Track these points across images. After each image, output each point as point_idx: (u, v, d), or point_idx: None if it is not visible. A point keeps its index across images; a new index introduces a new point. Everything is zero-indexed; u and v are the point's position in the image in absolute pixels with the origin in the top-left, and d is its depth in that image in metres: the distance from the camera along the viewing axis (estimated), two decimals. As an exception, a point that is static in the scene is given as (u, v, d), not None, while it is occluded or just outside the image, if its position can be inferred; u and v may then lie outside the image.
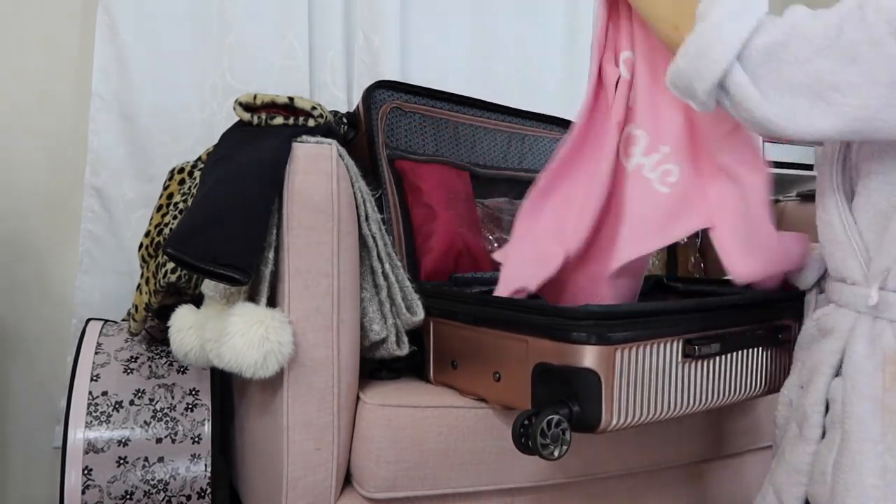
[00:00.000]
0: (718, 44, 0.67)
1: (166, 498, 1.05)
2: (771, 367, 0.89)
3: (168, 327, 1.00)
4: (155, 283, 1.05)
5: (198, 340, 0.95)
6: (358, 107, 1.30)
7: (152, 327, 1.17)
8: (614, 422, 0.73)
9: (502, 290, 0.94)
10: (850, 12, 0.64)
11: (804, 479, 0.73)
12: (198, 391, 1.11)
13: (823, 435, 0.73)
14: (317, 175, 0.86)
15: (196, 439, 1.08)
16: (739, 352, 0.85)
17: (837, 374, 0.72)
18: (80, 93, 1.49)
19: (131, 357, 1.14)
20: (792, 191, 1.92)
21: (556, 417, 0.71)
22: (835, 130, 0.66)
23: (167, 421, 1.08)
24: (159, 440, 1.06)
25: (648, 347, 0.76)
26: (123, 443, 1.05)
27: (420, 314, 0.94)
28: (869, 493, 0.66)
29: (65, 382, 1.43)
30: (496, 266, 1.30)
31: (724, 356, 0.83)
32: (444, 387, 0.95)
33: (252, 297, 0.89)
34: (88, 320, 1.25)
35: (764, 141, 2.00)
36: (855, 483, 0.67)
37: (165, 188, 1.15)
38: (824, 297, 0.80)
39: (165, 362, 1.14)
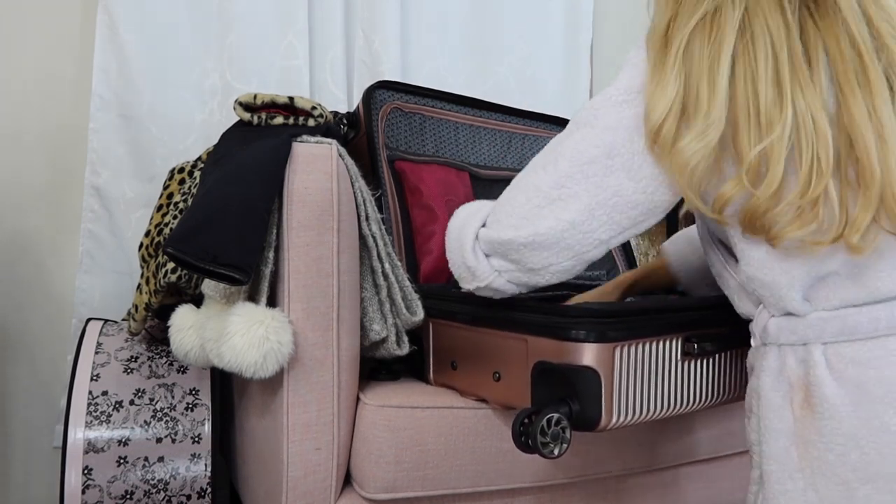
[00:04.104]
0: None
1: (166, 498, 1.05)
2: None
3: (168, 327, 1.00)
4: (155, 283, 1.05)
5: (198, 340, 0.95)
6: (358, 107, 1.30)
7: (152, 327, 1.17)
8: (614, 420, 0.73)
9: None
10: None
11: None
12: (198, 391, 1.11)
13: None
14: (317, 175, 0.86)
15: (196, 439, 1.08)
16: (738, 349, 0.85)
17: None
18: (80, 93, 1.49)
19: (131, 357, 1.14)
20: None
21: (555, 416, 0.71)
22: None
23: (167, 421, 1.08)
24: (159, 440, 1.06)
25: (647, 345, 0.76)
26: (123, 442, 1.05)
27: (420, 314, 0.94)
28: None
29: (65, 382, 1.44)
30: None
31: (722, 354, 0.83)
32: (443, 387, 0.95)
33: (252, 297, 0.89)
34: (88, 320, 1.25)
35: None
36: None
37: (165, 188, 1.15)
38: None
39: (165, 362, 1.14)
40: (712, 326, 0.82)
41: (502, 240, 0.73)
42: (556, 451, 0.71)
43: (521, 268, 0.74)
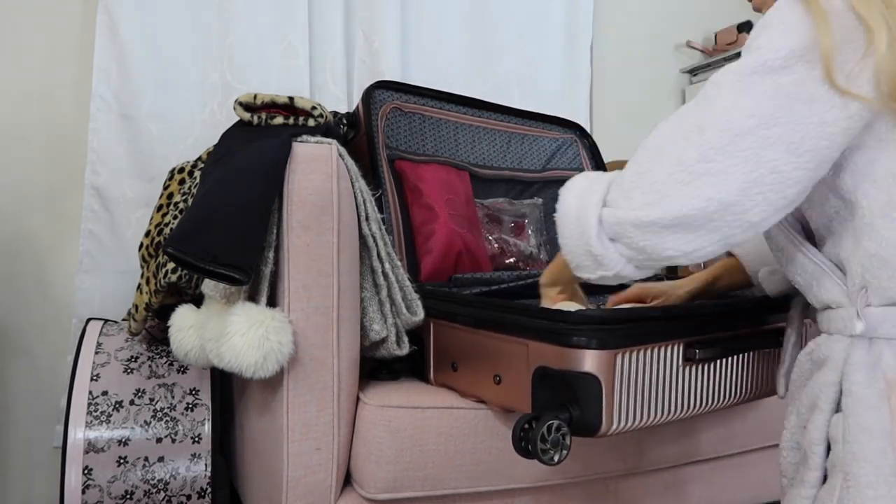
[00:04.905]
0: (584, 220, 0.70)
1: (166, 497, 1.05)
2: (771, 370, 0.89)
3: (168, 327, 1.00)
4: (155, 283, 1.05)
5: (198, 340, 0.95)
6: (358, 107, 1.30)
7: (153, 327, 1.17)
8: (614, 426, 0.73)
9: None
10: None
11: None
12: (198, 391, 1.11)
13: (825, 479, 0.66)
14: (317, 175, 0.86)
15: (196, 439, 1.08)
16: (739, 355, 0.85)
17: (838, 409, 0.65)
18: (80, 93, 1.49)
19: (131, 357, 1.14)
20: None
21: (556, 423, 0.70)
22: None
23: (167, 421, 1.08)
24: (159, 440, 1.06)
25: (649, 352, 0.75)
26: (123, 442, 1.05)
27: (420, 314, 0.94)
28: None
29: (65, 382, 1.43)
30: (496, 267, 1.31)
31: (724, 359, 0.83)
32: (444, 388, 0.95)
33: (252, 297, 0.89)
34: (88, 320, 1.25)
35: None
36: None
37: (165, 188, 1.15)
38: (815, 329, 0.74)
39: (165, 362, 1.14)
40: (714, 332, 0.82)
41: (640, 221, 0.65)
42: (555, 458, 0.70)
43: (653, 255, 0.67)
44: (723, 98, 0.64)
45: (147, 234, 1.11)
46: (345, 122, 1.31)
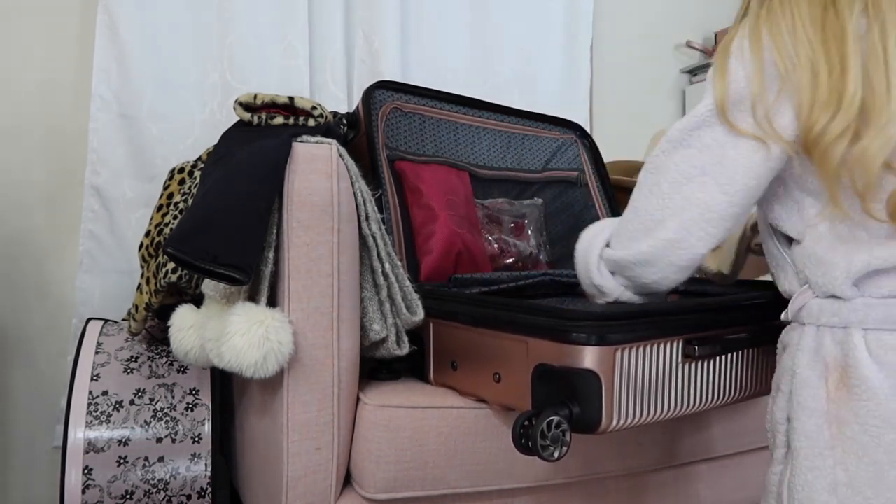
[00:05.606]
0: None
1: (166, 497, 1.05)
2: (771, 367, 0.89)
3: (168, 327, 1.00)
4: (155, 283, 1.05)
5: (198, 340, 0.95)
6: (358, 107, 1.30)
7: (153, 327, 1.17)
8: (614, 423, 0.73)
9: None
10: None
11: (774, 501, 0.73)
12: (198, 391, 1.11)
13: None
14: (317, 175, 0.86)
15: (196, 439, 1.08)
16: (739, 352, 0.85)
17: None
18: (80, 93, 1.49)
19: (131, 357, 1.14)
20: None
21: (556, 419, 0.70)
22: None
23: (167, 420, 1.08)
24: (159, 440, 1.06)
25: (648, 348, 0.76)
26: (124, 442, 1.05)
27: (420, 314, 0.94)
28: None
29: (65, 382, 1.44)
30: (496, 267, 1.31)
31: (724, 356, 0.83)
32: (444, 387, 0.95)
33: (252, 297, 0.89)
34: (89, 320, 1.26)
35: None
36: (806, 501, 0.66)
37: (165, 188, 1.15)
38: None
39: (166, 362, 1.14)
40: (713, 329, 0.82)
41: (617, 258, 0.81)
42: (555, 454, 0.71)
43: (637, 283, 0.81)
44: (672, 151, 0.75)
45: (147, 234, 1.12)
46: (345, 122, 1.31)
